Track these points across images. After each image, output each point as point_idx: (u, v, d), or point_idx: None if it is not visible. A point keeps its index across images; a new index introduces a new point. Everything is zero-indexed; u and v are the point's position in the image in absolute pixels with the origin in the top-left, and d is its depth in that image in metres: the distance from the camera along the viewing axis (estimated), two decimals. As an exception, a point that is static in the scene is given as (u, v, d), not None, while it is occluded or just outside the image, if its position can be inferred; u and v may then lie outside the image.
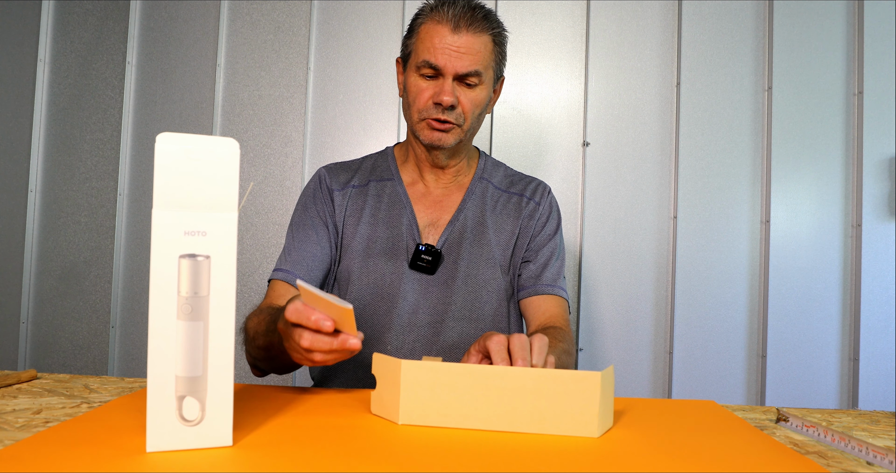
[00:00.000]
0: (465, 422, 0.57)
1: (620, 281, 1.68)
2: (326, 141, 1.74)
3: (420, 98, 0.95)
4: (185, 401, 0.47)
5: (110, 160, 1.76)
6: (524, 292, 1.02)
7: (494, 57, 0.97)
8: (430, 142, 0.96)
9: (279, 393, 0.70)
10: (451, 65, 0.92)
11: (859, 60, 1.64)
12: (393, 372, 0.58)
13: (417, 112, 0.96)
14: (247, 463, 0.46)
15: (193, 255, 0.47)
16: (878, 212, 1.62)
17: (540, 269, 1.02)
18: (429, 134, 0.96)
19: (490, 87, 0.99)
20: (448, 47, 0.91)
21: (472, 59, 0.92)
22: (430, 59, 0.92)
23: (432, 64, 0.92)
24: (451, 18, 0.91)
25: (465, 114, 0.95)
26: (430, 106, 0.94)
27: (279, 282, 0.97)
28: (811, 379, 1.64)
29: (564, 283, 1.04)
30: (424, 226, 1.01)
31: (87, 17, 1.78)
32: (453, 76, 0.93)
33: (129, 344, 1.74)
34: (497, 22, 0.96)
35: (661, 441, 0.55)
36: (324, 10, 1.74)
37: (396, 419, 0.58)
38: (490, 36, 0.95)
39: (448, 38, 0.91)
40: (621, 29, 1.71)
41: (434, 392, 0.57)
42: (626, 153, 1.70)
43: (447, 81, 0.93)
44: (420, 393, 0.57)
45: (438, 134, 0.95)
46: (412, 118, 0.97)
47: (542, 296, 1.00)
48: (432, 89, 0.94)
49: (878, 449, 0.52)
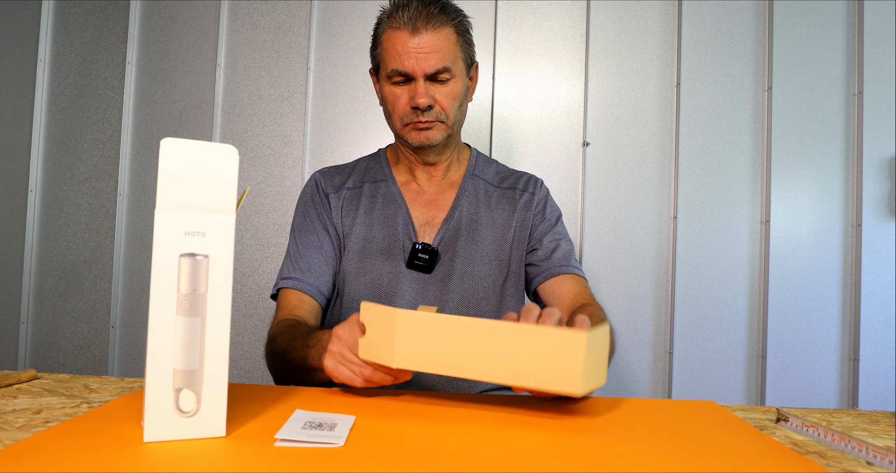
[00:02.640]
0: (454, 371, 0.60)
1: (620, 281, 1.68)
2: (326, 141, 1.74)
3: (398, 105, 0.96)
4: (181, 394, 0.50)
5: (110, 160, 1.76)
6: (539, 278, 1.01)
7: (461, 47, 0.96)
8: (419, 144, 0.97)
9: (273, 389, 0.70)
10: (418, 67, 0.92)
11: (859, 60, 1.64)
12: (386, 320, 0.62)
13: (399, 119, 0.97)
14: (239, 454, 0.47)
15: (193, 254, 0.50)
16: (878, 212, 1.62)
17: (549, 253, 1.01)
18: (416, 136, 0.96)
19: (464, 78, 0.99)
20: (411, 51, 0.92)
21: (437, 56, 0.92)
22: (396, 66, 0.93)
23: (400, 71, 0.93)
24: (407, 21, 0.92)
25: (445, 110, 0.96)
26: (409, 111, 0.95)
27: (291, 291, 0.97)
28: (811, 379, 1.64)
29: (578, 265, 1.03)
30: (420, 225, 1.01)
31: (87, 17, 1.78)
32: (423, 77, 0.93)
33: (129, 344, 1.74)
34: (455, 11, 0.96)
35: (660, 441, 0.55)
36: (324, 10, 1.74)
37: (391, 363, 0.61)
38: (451, 27, 0.94)
39: (409, 42, 0.92)
40: (621, 29, 1.71)
41: (426, 340, 0.60)
42: (626, 153, 1.70)
43: (419, 84, 0.93)
44: (413, 341, 0.61)
45: (425, 133, 0.96)
46: (395, 126, 0.98)
47: (559, 278, 0.99)
48: (407, 94, 0.95)
49: (878, 449, 0.51)
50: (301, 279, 0.97)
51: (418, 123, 0.95)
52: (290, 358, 0.81)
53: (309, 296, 0.97)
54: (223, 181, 0.50)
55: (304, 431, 0.52)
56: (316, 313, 0.97)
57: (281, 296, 0.99)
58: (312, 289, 0.97)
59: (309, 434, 0.52)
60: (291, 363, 0.81)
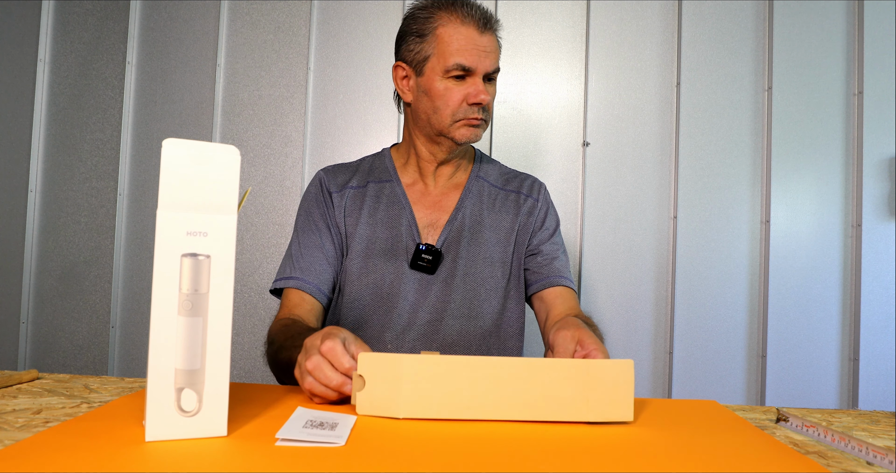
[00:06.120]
0: (476, 413, 0.58)
1: (620, 281, 1.68)
2: (326, 141, 1.74)
3: (453, 100, 0.96)
4: (183, 393, 0.50)
5: (110, 160, 1.75)
6: (537, 285, 1.03)
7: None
8: (465, 140, 0.98)
9: (274, 388, 0.70)
10: (482, 65, 0.94)
11: (859, 60, 1.64)
12: (390, 369, 0.58)
13: (451, 115, 0.96)
14: (241, 453, 0.48)
15: (195, 254, 0.50)
16: (878, 212, 1.62)
17: (549, 262, 1.03)
18: (465, 132, 0.97)
19: None
20: (477, 47, 0.94)
21: (495, 56, 0.97)
22: (461, 61, 0.94)
23: (465, 66, 0.94)
24: (477, 19, 0.94)
25: (490, 110, 0.99)
26: (465, 107, 0.96)
27: (293, 291, 0.98)
28: (811, 379, 1.64)
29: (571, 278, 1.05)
30: (424, 226, 1.01)
31: (87, 17, 1.78)
32: (483, 75, 0.95)
33: (129, 344, 1.74)
34: None
35: (662, 440, 0.55)
36: (324, 10, 1.74)
37: (397, 413, 0.58)
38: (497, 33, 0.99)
39: (477, 39, 0.94)
40: (621, 29, 1.71)
41: (440, 384, 0.58)
42: (626, 153, 1.70)
43: (479, 81, 0.95)
44: (420, 387, 0.58)
45: (474, 130, 0.98)
46: (443, 122, 0.97)
47: (556, 288, 1.01)
48: (464, 90, 0.95)
49: (878, 449, 0.52)
50: (302, 278, 0.98)
51: (473, 120, 0.96)
52: (282, 357, 0.82)
53: (310, 296, 0.97)
54: (225, 181, 0.51)
55: (306, 430, 0.53)
56: (317, 312, 0.98)
57: (283, 295, 0.99)
58: (313, 288, 0.97)
59: (310, 433, 0.52)
60: (284, 362, 0.81)
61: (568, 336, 0.70)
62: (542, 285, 1.02)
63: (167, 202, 0.49)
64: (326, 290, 1.00)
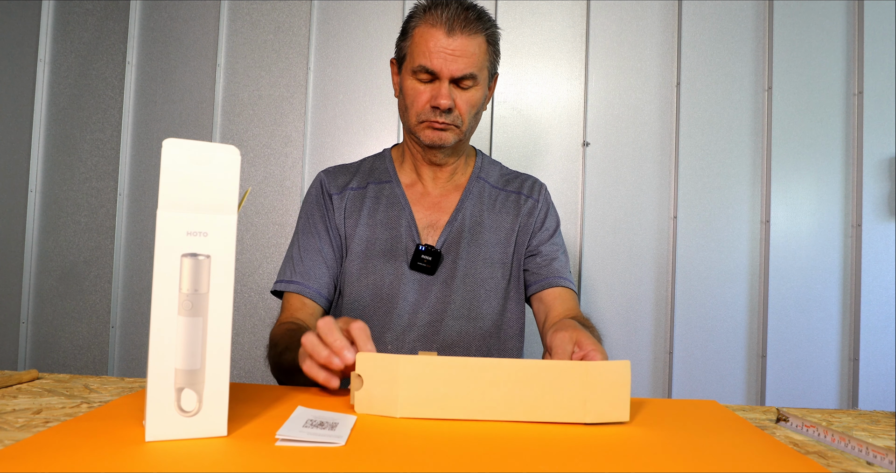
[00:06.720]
0: (472, 413, 0.58)
1: (620, 281, 1.68)
2: (326, 141, 1.74)
3: (417, 101, 0.95)
4: (183, 393, 0.50)
5: (110, 160, 1.75)
6: (536, 286, 1.02)
7: (489, 57, 0.97)
8: (430, 143, 0.97)
9: (274, 388, 0.70)
10: (446, 68, 0.92)
11: (859, 60, 1.64)
12: (388, 369, 0.59)
13: (415, 115, 0.96)
14: (241, 453, 0.48)
15: (195, 254, 0.50)
16: (878, 212, 1.62)
17: (549, 262, 1.02)
18: (429, 134, 0.96)
19: (485, 87, 0.99)
20: (443, 51, 0.91)
21: (466, 61, 0.92)
22: (425, 63, 0.92)
23: (428, 68, 0.92)
24: (445, 21, 0.91)
25: (462, 116, 0.96)
26: (428, 109, 0.94)
27: (294, 295, 0.98)
28: (811, 379, 1.64)
29: (572, 278, 1.05)
30: (423, 227, 1.01)
31: (87, 17, 1.78)
32: (449, 79, 0.93)
33: (129, 344, 1.74)
34: (490, 21, 0.96)
35: (662, 440, 0.55)
36: (324, 10, 1.74)
37: (394, 412, 0.58)
38: (484, 36, 0.94)
39: (442, 42, 0.91)
40: (621, 29, 1.71)
41: (437, 385, 0.58)
42: (626, 153, 1.70)
43: (443, 85, 0.93)
44: (418, 387, 0.58)
45: (438, 133, 0.96)
46: (410, 121, 0.98)
47: (555, 289, 1.01)
48: (429, 92, 0.94)
49: (878, 449, 0.52)
50: (302, 282, 0.98)
51: (434, 123, 0.95)
52: (286, 359, 0.82)
53: (310, 300, 0.97)
54: (225, 181, 0.51)
55: (306, 430, 0.52)
56: (318, 316, 0.98)
57: (283, 299, 1.00)
58: (313, 293, 0.98)
59: (310, 433, 0.52)
60: (288, 363, 0.81)
61: (566, 337, 0.70)
62: (541, 286, 1.01)
63: (167, 202, 0.49)
64: (326, 294, 1.00)
